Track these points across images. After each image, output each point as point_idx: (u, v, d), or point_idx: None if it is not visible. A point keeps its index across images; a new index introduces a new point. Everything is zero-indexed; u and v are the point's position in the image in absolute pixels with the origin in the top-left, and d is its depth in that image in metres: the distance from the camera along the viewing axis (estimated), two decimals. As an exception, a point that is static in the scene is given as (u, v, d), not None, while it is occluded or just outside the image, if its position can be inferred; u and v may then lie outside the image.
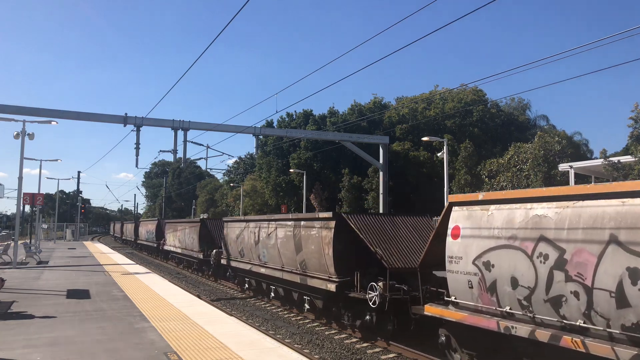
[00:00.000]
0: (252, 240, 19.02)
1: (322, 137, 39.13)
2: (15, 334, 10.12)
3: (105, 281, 19.66)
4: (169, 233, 36.32)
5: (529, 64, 14.45)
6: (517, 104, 52.59)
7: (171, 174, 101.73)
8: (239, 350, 9.00)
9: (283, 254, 16.38)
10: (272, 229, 17.28)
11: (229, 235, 22.28)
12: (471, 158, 35.75)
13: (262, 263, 18.21)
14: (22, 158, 26.68)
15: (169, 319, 12.01)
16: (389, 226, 13.31)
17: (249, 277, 20.55)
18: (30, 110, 28.12)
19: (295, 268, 15.48)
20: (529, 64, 14.66)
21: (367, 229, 12.85)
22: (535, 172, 29.62)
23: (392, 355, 11.63)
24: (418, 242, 13.01)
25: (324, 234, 13.51)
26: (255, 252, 18.84)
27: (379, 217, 13.96)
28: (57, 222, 70.61)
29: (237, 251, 21.10)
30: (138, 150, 30.04)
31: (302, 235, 14.86)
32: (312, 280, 14.30)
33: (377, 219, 13.53)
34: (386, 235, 12.89)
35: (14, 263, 25.52)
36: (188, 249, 30.30)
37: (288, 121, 52.12)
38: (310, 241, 14.39)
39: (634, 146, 24.18)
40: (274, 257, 17.11)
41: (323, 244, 13.50)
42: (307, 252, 14.52)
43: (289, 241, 15.79)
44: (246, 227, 19.94)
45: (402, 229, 13.44)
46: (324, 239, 13.45)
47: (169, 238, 36.12)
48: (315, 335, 13.61)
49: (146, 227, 49.28)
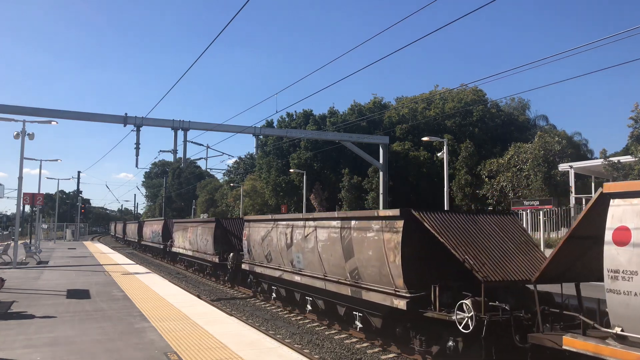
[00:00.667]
0: (283, 242, 16.49)
1: (322, 137, 39.15)
2: (15, 334, 10.12)
3: (105, 281, 19.66)
4: (178, 234, 33.69)
5: (529, 64, 14.49)
6: (517, 104, 52.68)
7: (171, 174, 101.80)
8: (239, 350, 9.00)
9: (326, 260, 13.78)
10: (310, 230, 14.69)
11: (252, 236, 19.57)
12: (471, 158, 35.81)
13: (296, 270, 15.58)
14: (22, 158, 26.69)
15: (169, 319, 12.01)
16: (472, 227, 10.99)
17: (277, 285, 17.72)
18: (30, 110, 28.16)
19: (343, 278, 12.87)
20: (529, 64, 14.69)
21: (448, 230, 10.49)
22: (535, 172, 29.64)
23: (392, 355, 11.63)
24: (511, 248, 10.63)
25: (386, 237, 11.19)
26: (287, 257, 16.24)
27: (459, 215, 11.56)
28: (57, 222, 70.61)
29: (262, 255, 18.50)
30: (138, 150, 30.13)
31: (354, 238, 12.39)
32: (368, 294, 11.78)
33: (456, 218, 11.16)
34: (472, 238, 10.55)
35: (14, 263, 25.52)
36: (200, 251, 27.53)
37: (288, 121, 52.16)
38: (367, 245, 11.90)
39: (634, 146, 24.21)
40: (312, 264, 14.51)
41: (386, 249, 11.17)
42: (362, 258, 12.01)
43: (335, 245, 13.25)
44: (275, 227, 17.43)
45: (488, 230, 11.12)
46: (388, 242, 11.12)
47: (178, 239, 33.56)
48: (315, 335, 13.60)
49: (151, 228, 46.56)
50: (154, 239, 43.50)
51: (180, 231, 32.81)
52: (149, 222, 50.60)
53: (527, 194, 29.14)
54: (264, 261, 18.25)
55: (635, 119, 24.69)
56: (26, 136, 26.03)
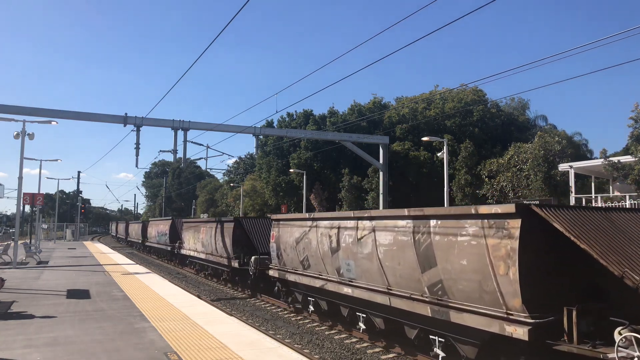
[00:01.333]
0: (327, 246, 14.00)
1: (322, 137, 39.14)
2: (15, 334, 10.13)
3: (105, 281, 19.66)
4: (188, 234, 30.98)
5: (529, 64, 14.46)
6: (517, 104, 52.67)
7: (171, 174, 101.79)
8: (239, 350, 9.00)
9: (390, 270, 11.22)
10: (365, 232, 12.29)
11: (282, 238, 17.03)
12: (471, 158, 35.79)
13: (345, 280, 13.09)
14: (22, 158, 26.69)
15: (169, 319, 12.01)
16: (610, 228, 8.37)
17: (316, 296, 15.24)
18: (30, 110, 28.15)
19: (418, 293, 10.36)
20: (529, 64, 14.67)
21: (587, 232, 7.88)
22: (535, 172, 29.62)
23: (392, 355, 11.62)
24: None
25: (492, 243, 8.65)
26: (332, 264, 13.73)
27: (592, 212, 8.83)
28: (57, 222, 70.61)
29: (296, 261, 15.93)
30: (138, 150, 30.10)
31: (436, 243, 9.83)
32: (461, 316, 9.21)
33: (591, 216, 8.49)
34: (620, 243, 7.89)
35: (14, 263, 25.52)
36: (216, 254, 24.61)
37: (288, 121, 52.17)
38: (458, 253, 9.33)
39: (634, 146, 24.19)
40: (369, 274, 12.06)
41: (492, 258, 8.63)
42: (450, 269, 9.52)
43: (405, 251, 10.65)
44: (314, 227, 14.92)
45: (631, 232, 8.39)
46: (495, 249, 8.58)
47: (188, 240, 30.83)
48: (315, 335, 13.60)
49: (157, 228, 43.08)
50: (160, 239, 40.53)
51: (191, 231, 30.19)
52: (155, 222, 46.97)
53: (527, 194, 29.14)
54: (298, 267, 15.76)
55: (635, 119, 24.67)
56: (26, 136, 26.03)
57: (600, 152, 26.58)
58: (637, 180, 22.98)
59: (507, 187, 31.38)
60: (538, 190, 28.91)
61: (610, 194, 28.27)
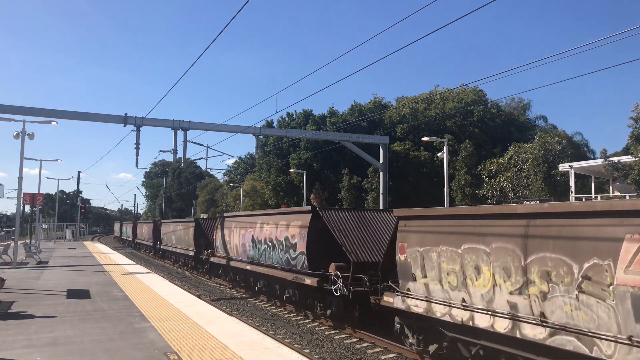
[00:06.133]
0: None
1: (322, 137, 39.14)
2: (15, 334, 10.12)
3: (105, 281, 19.66)
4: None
5: (530, 64, 14.47)
6: (517, 104, 52.69)
7: (171, 174, 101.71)
8: (239, 350, 8.99)
9: None
10: None
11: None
12: (471, 158, 35.76)
13: None
14: (22, 158, 26.68)
15: (169, 319, 12.00)
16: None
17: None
18: (30, 110, 28.17)
19: None
20: (529, 64, 14.67)
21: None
22: (535, 172, 29.61)
23: (392, 355, 11.62)
24: None
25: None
26: None
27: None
28: (57, 222, 70.63)
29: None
30: (138, 150, 30.12)
31: None
32: None
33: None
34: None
35: (14, 263, 25.51)
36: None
37: (288, 121, 52.17)
38: None
39: (634, 146, 24.17)
40: None
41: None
42: None
43: None
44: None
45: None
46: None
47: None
48: (315, 335, 13.59)
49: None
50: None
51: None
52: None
53: (527, 194, 29.13)
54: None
55: (636, 119, 24.66)
56: (26, 136, 26.01)
57: (601, 152, 26.58)
58: (637, 180, 22.98)
59: (507, 187, 31.37)
60: (538, 190, 28.89)
61: (610, 194, 28.27)
